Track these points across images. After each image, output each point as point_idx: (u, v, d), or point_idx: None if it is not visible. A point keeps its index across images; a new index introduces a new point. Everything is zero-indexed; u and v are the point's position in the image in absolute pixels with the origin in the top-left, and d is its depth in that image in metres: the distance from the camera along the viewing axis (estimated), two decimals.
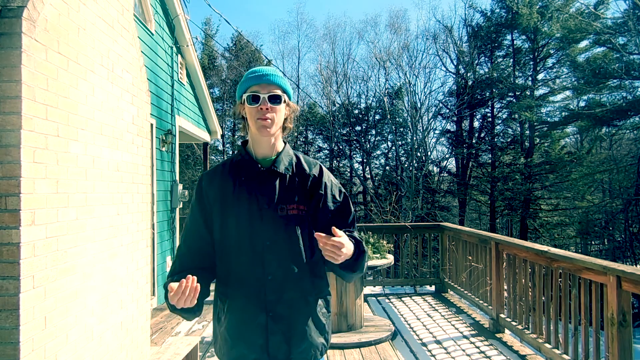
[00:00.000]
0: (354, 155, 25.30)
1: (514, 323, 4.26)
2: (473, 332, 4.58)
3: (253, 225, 1.42)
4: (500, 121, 22.26)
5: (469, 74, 22.22)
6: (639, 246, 15.56)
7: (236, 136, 24.50)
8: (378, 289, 6.48)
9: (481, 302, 4.99)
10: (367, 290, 6.36)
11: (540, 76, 20.59)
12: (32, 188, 1.88)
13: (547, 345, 3.65)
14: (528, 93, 20.18)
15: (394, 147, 23.32)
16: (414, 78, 22.44)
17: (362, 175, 24.68)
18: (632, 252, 15.67)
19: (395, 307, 5.57)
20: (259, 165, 1.47)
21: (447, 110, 23.15)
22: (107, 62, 2.61)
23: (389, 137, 23.92)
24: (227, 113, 23.55)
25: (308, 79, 40.60)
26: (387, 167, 24.35)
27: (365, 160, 24.81)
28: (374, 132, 24.61)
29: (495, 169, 20.91)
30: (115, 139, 2.70)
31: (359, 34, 32.71)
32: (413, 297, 6.07)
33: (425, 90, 22.98)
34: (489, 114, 22.59)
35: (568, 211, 19.65)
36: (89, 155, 2.36)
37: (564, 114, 19.06)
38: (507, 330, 4.50)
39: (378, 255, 4.69)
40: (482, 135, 22.73)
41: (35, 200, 1.90)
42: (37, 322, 1.91)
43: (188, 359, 3.23)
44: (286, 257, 1.42)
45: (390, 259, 4.69)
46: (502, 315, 4.49)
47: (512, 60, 21.19)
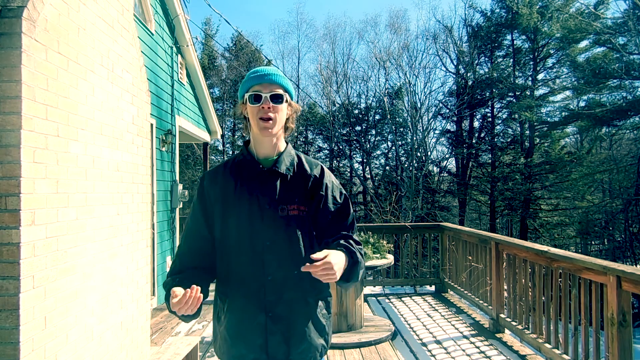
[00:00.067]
0: (354, 155, 25.31)
1: (514, 323, 4.26)
2: (473, 332, 4.58)
3: (253, 225, 1.42)
4: (500, 121, 22.27)
5: (469, 74, 22.22)
6: (639, 246, 15.56)
7: (236, 136, 24.51)
8: (378, 289, 6.48)
9: (481, 302, 4.99)
10: (367, 290, 6.36)
11: (540, 76, 20.60)
12: (32, 188, 1.88)
13: (547, 345, 3.65)
14: (528, 93, 20.18)
15: (394, 147, 23.32)
16: (414, 78, 22.48)
17: (362, 175, 24.68)
18: (632, 252, 15.68)
19: (395, 307, 5.57)
20: (260, 165, 1.47)
21: (447, 110, 23.15)
22: (107, 62, 2.61)
23: (389, 137, 23.93)
24: (227, 113, 23.56)
25: (308, 79, 40.74)
26: (387, 167, 24.36)
27: (365, 160, 24.81)
28: (374, 132, 24.62)
29: (495, 169, 20.91)
30: (115, 139, 2.69)
31: (359, 34, 32.75)
32: (413, 297, 6.07)
33: (425, 90, 23.02)
34: (489, 114, 22.60)
35: (568, 211, 19.66)
36: (89, 155, 2.36)
37: (564, 114, 19.07)
38: (507, 330, 4.49)
39: (378, 255, 4.69)
40: (482, 135, 22.73)
41: (35, 200, 1.90)
42: (37, 322, 1.91)
43: (188, 359, 3.22)
44: (286, 257, 1.42)
45: (390, 259, 4.69)
46: (502, 315, 4.49)
47: (512, 60, 21.19)
